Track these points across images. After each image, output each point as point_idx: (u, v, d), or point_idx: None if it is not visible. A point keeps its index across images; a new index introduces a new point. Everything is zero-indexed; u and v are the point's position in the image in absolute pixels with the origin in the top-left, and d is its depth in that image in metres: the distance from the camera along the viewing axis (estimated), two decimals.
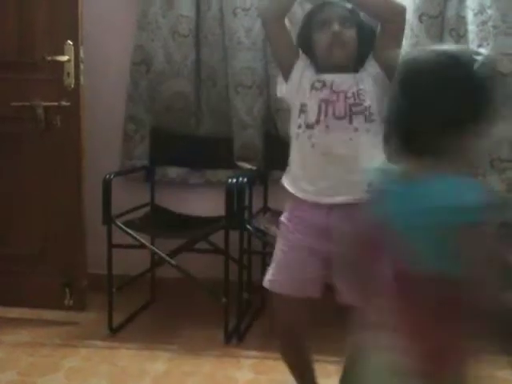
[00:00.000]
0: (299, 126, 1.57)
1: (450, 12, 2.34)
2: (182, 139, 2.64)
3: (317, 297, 1.57)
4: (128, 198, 2.56)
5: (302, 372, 1.69)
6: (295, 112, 1.59)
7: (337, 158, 1.52)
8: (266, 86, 2.57)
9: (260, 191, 2.61)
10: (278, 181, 2.61)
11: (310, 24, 1.59)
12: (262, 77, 2.57)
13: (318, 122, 1.53)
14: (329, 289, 1.59)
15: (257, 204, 2.57)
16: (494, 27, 2.24)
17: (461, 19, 2.32)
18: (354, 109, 1.52)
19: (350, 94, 1.52)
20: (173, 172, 2.69)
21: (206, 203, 2.63)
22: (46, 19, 2.45)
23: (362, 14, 1.58)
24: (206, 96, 2.65)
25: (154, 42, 2.62)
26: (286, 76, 1.62)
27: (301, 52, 1.62)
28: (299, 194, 1.57)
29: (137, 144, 2.69)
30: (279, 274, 1.59)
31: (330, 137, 1.52)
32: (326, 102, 1.53)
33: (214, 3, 2.59)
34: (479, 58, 1.04)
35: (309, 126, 1.54)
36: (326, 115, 1.52)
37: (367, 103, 1.52)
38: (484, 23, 2.26)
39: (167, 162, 2.68)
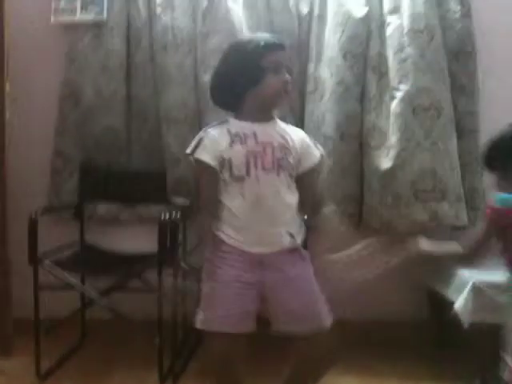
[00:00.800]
0: (226, 181, 1.57)
1: (373, 51, 2.43)
2: (113, 175, 2.59)
3: (251, 331, 1.57)
4: (56, 236, 2.47)
5: None
6: (220, 169, 1.57)
7: (266, 209, 1.54)
8: (198, 121, 2.57)
9: (195, 227, 2.58)
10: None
11: (258, 61, 1.55)
12: (194, 112, 2.57)
13: (248, 174, 1.54)
14: (262, 323, 1.59)
15: (191, 240, 2.54)
16: (413, 64, 2.34)
17: (382, 57, 2.42)
18: (281, 163, 1.55)
19: (276, 146, 1.55)
20: (103, 208, 2.62)
21: (138, 240, 2.57)
22: None
23: None
24: (137, 131, 2.62)
25: (83, 77, 2.58)
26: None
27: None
28: (228, 241, 1.58)
29: (65, 180, 2.61)
30: (210, 312, 1.58)
31: (259, 188, 1.54)
32: (254, 154, 1.54)
33: (145, 39, 2.58)
34: None
35: (238, 179, 1.55)
36: (255, 167, 1.54)
37: (291, 160, 1.57)
38: (404, 60, 2.36)
39: (97, 198, 2.62)
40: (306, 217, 1.68)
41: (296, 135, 1.63)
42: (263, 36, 1.63)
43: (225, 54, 1.63)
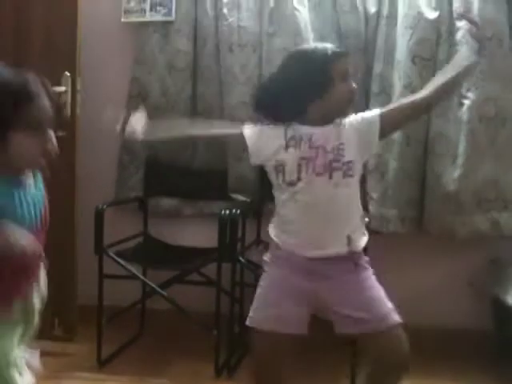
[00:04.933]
0: (279, 185, 1.56)
1: (442, 56, 2.40)
2: (177, 170, 2.66)
3: (302, 333, 1.56)
4: (121, 228, 2.56)
5: None
6: (272, 173, 1.58)
7: (319, 213, 1.53)
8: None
9: (253, 223, 2.63)
10: (271, 213, 2.66)
11: (326, 71, 1.53)
12: None
13: (299, 179, 1.52)
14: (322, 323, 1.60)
15: (250, 236, 2.59)
16: (481, 72, 2.31)
17: None
18: (333, 164, 1.52)
19: (329, 149, 1.52)
20: (166, 203, 2.70)
21: (198, 235, 2.64)
22: (43, 50, 2.48)
23: None
24: None
25: (151, 76, 2.67)
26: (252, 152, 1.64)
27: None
28: (283, 245, 1.58)
29: (131, 174, 2.71)
30: (259, 311, 1.60)
31: (312, 193, 1.52)
32: (306, 159, 1.52)
33: (211, 39, 2.64)
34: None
35: (290, 184, 1.54)
36: (306, 172, 1.52)
37: (346, 158, 1.52)
38: None
39: (161, 192, 2.70)
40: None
41: (350, 125, 1.56)
42: (326, 45, 1.63)
43: (286, 64, 1.60)
